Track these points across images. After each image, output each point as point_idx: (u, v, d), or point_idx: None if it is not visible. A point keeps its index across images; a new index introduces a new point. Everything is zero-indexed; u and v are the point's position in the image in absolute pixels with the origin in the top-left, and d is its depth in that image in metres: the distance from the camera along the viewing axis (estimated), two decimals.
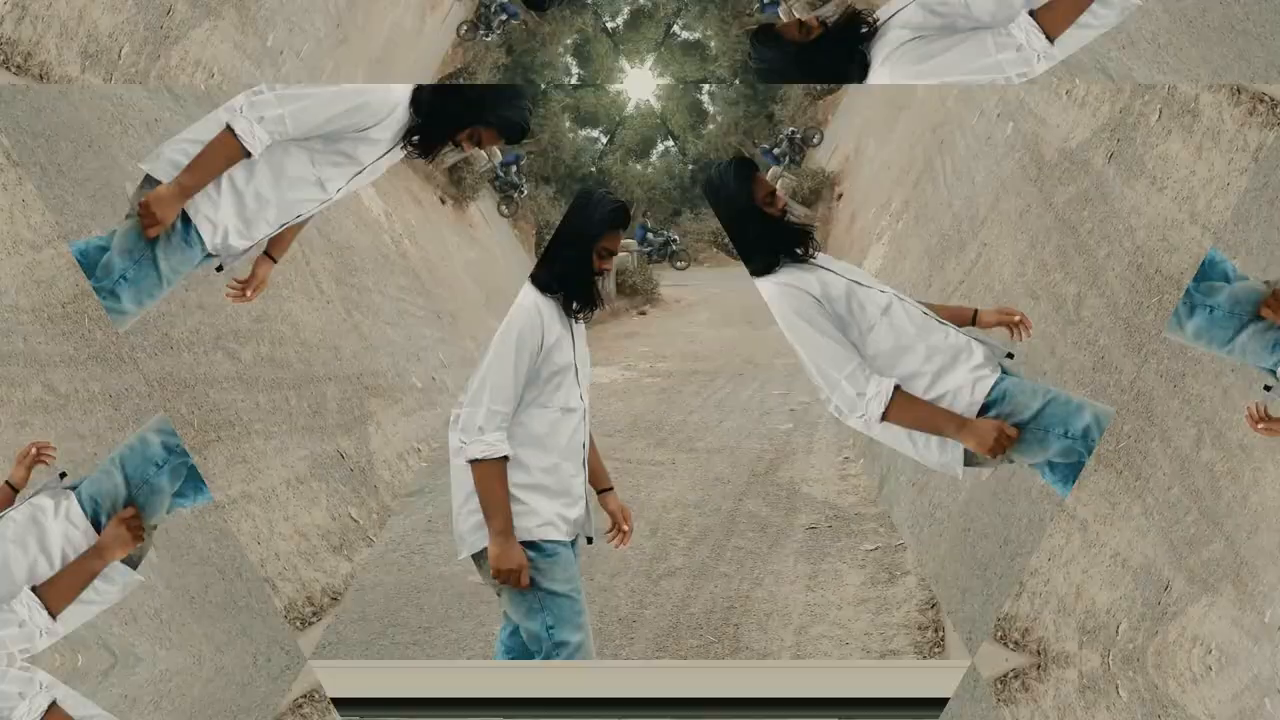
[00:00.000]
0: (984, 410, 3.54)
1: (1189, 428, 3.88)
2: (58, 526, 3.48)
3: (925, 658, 4.32)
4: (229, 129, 3.49)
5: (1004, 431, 3.52)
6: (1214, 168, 3.84)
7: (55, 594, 3.45)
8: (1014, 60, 3.55)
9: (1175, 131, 3.95)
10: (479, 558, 3.63)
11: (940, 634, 4.35)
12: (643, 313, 6.77)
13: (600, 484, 3.86)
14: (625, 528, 3.87)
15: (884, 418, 3.55)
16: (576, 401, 3.69)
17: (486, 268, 7.13)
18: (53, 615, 3.43)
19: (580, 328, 3.73)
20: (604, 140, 6.39)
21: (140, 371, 4.13)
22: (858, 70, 3.68)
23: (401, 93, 3.62)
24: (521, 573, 3.56)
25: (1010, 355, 3.66)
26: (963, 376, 3.58)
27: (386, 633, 4.35)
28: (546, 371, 3.63)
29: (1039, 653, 4.01)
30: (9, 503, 3.58)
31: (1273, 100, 3.75)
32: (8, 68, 4.01)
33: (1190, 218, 3.89)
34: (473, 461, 3.57)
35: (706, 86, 6.54)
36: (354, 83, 5.30)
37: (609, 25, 6.26)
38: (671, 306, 6.82)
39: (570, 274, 3.67)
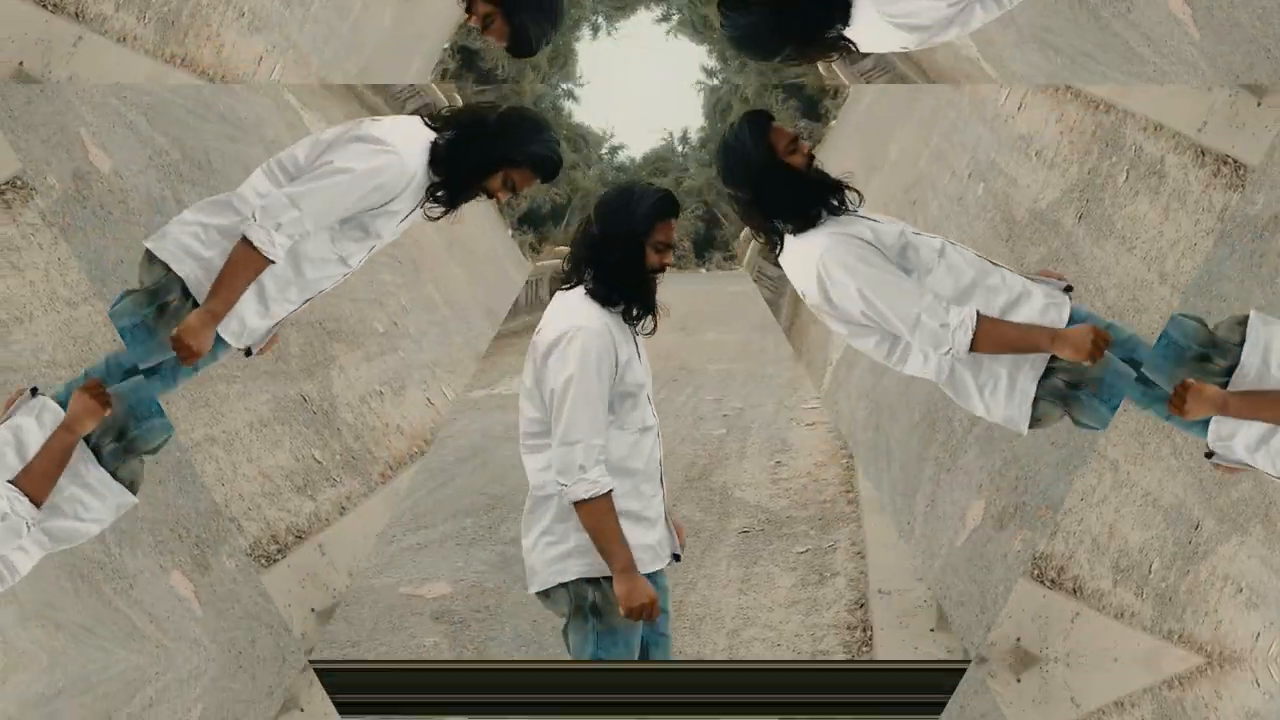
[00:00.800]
0: (1051, 359, 3.30)
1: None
2: (36, 432, 3.35)
3: (854, 656, 4.43)
4: (246, 241, 3.30)
5: (1099, 333, 3.24)
6: (1181, 228, 3.95)
7: (31, 480, 3.31)
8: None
9: (1143, 192, 4.06)
10: (553, 590, 3.45)
11: (868, 633, 4.49)
12: None
13: None
14: (680, 537, 3.64)
15: (973, 347, 3.27)
16: (651, 419, 3.48)
17: (457, 230, 7.15)
18: (36, 504, 3.29)
19: (643, 342, 3.51)
20: (566, 89, 6.31)
21: (61, 265, 4.09)
22: (839, 14, 3.43)
23: (418, 160, 3.41)
24: (654, 605, 3.36)
25: (1070, 288, 3.43)
26: (1034, 310, 3.33)
27: (314, 647, 4.30)
28: (622, 392, 3.41)
29: (1075, 591, 4.03)
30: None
31: (1236, 161, 3.85)
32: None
33: (1160, 278, 3.96)
34: (579, 503, 3.34)
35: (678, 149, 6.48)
36: (381, 22, 5.33)
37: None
38: None
39: (628, 279, 3.42)
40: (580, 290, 3.46)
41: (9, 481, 3.30)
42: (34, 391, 3.45)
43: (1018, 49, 4.41)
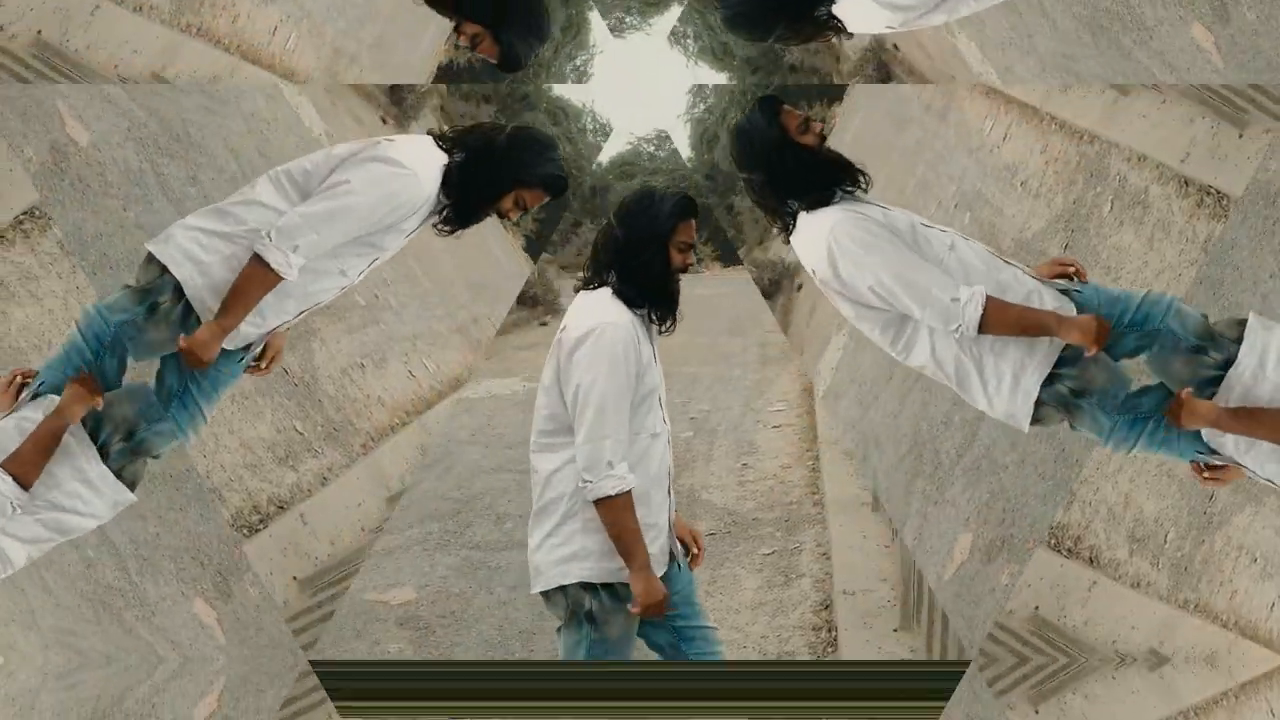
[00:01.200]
0: (1059, 364, 3.31)
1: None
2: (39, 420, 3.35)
3: (819, 657, 4.48)
4: (260, 260, 3.28)
5: (1103, 323, 3.25)
6: (1165, 258, 4.02)
7: (19, 463, 3.28)
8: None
9: (1127, 223, 4.13)
10: (553, 593, 3.43)
11: (833, 634, 4.54)
12: (544, 324, 6.46)
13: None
14: (698, 547, 3.66)
15: (981, 326, 3.26)
16: (660, 425, 3.46)
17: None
18: (24, 487, 3.28)
19: (658, 346, 3.51)
20: (577, 65, 6.28)
21: (79, 293, 4.14)
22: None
23: (433, 183, 3.42)
24: (665, 601, 3.38)
25: (1080, 291, 3.41)
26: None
27: (296, 615, 4.34)
28: (640, 394, 3.40)
29: (1091, 560, 4.06)
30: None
31: (1219, 192, 3.90)
32: None
33: (1087, 528, 4.05)
34: (602, 500, 3.32)
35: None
36: None
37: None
38: None
39: (653, 279, 3.44)
40: (606, 290, 3.48)
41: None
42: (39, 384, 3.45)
43: (1039, 78, 4.45)
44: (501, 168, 3.45)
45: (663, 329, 3.51)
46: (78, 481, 3.36)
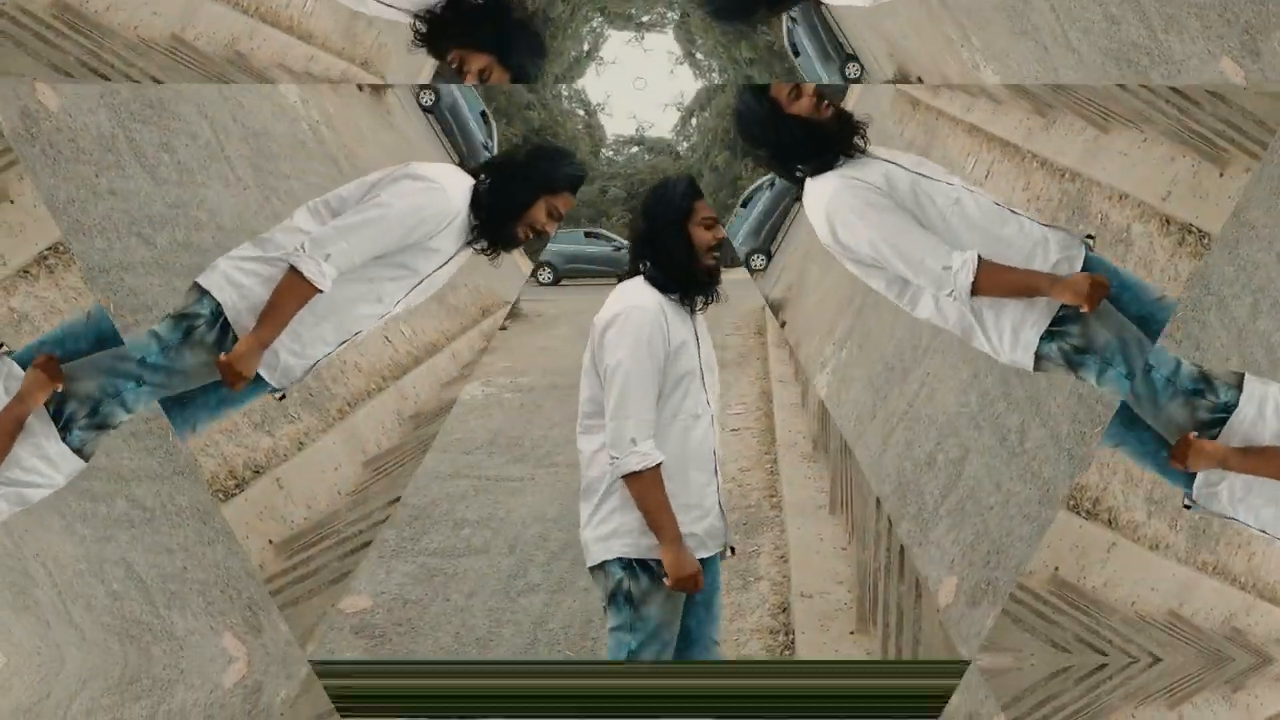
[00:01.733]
0: (1060, 322, 3.41)
1: (1245, 296, 3.87)
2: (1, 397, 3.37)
3: (778, 659, 4.51)
4: (295, 271, 3.42)
5: (1096, 279, 3.36)
6: None
7: None
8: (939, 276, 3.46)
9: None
10: (596, 571, 3.54)
11: (790, 637, 4.61)
12: (503, 328, 6.64)
13: None
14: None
15: (975, 289, 3.37)
16: (703, 408, 3.56)
17: (404, 154, 6.93)
18: None
19: (704, 329, 3.61)
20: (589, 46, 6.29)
21: None
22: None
23: (462, 200, 3.53)
24: (698, 576, 3.47)
25: (1091, 237, 3.52)
26: (1047, 264, 3.43)
27: (273, 578, 4.31)
28: (673, 377, 3.51)
29: (1110, 522, 4.07)
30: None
31: (1200, 231, 3.95)
32: None
33: (1105, 490, 4.02)
34: (630, 476, 3.44)
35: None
36: None
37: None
38: (532, 321, 6.68)
39: (678, 261, 3.55)
40: (640, 278, 3.62)
41: None
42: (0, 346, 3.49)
43: (1070, 114, 4.48)
44: (526, 177, 3.58)
45: (700, 309, 3.61)
46: (38, 459, 3.42)
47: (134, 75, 4.39)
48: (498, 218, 3.55)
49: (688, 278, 3.57)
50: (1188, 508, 3.44)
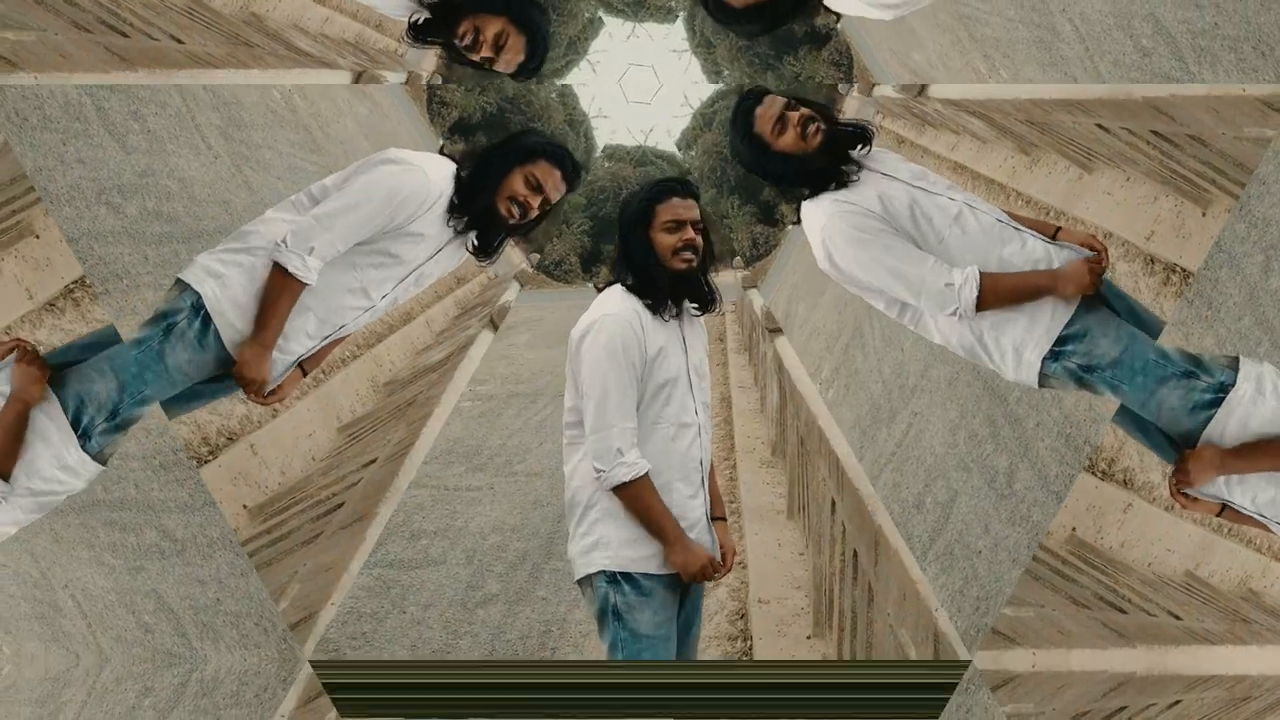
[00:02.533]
0: (1062, 342, 3.27)
1: (1256, 254, 3.78)
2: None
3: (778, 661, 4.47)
4: (280, 269, 3.30)
5: (1092, 265, 3.24)
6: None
7: None
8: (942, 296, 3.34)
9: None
10: (584, 586, 3.41)
11: (749, 643, 4.60)
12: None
13: (714, 511, 3.52)
14: (728, 563, 3.52)
15: (979, 304, 3.25)
16: (691, 416, 3.42)
17: (378, 123, 6.99)
18: (3, 477, 3.24)
19: (697, 335, 3.50)
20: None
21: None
22: None
23: (442, 181, 3.43)
24: (710, 565, 3.35)
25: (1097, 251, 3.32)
26: None
27: (247, 540, 4.30)
28: (653, 384, 3.39)
29: (1126, 483, 4.02)
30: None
31: (1185, 270, 3.97)
32: None
33: (1120, 450, 4.00)
34: (619, 487, 3.31)
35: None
36: None
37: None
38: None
39: (641, 267, 3.44)
40: (618, 286, 3.51)
41: None
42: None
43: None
44: (499, 151, 3.48)
45: (697, 312, 3.50)
46: (57, 469, 3.33)
47: (153, 35, 4.36)
48: (476, 192, 3.43)
49: (656, 283, 3.43)
50: (1184, 494, 3.30)
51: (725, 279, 6.62)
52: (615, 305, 3.43)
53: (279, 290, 3.29)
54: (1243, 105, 3.75)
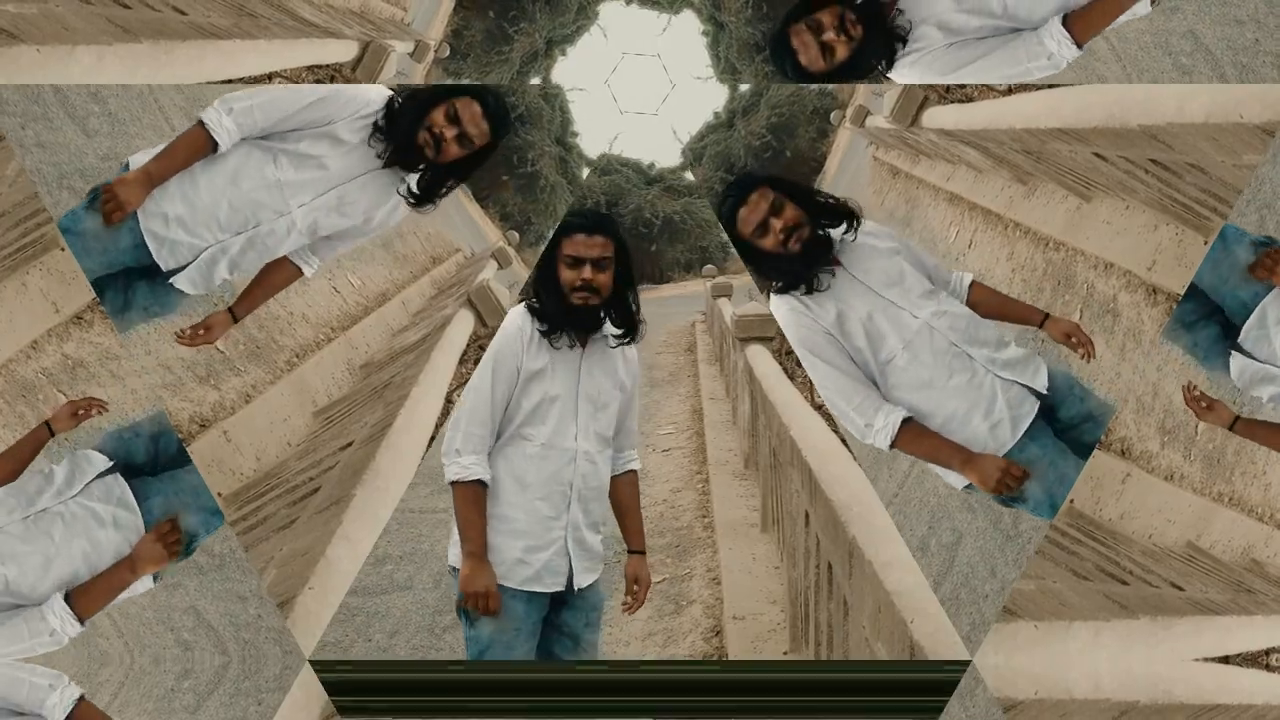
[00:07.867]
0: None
1: (1251, 212, 3.83)
2: (110, 536, 3.47)
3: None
4: (200, 123, 3.49)
5: (1009, 471, 3.48)
6: (1137, 368, 4.04)
7: (86, 601, 3.44)
8: (1044, 67, 3.57)
9: (1098, 332, 4.16)
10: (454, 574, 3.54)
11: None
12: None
13: (629, 544, 3.74)
14: (639, 596, 3.70)
15: (893, 447, 3.53)
16: (570, 442, 3.52)
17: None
18: (81, 621, 3.41)
19: (607, 366, 3.57)
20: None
21: (161, 371, 4.14)
22: (882, 63, 3.59)
23: (375, 99, 3.56)
24: (489, 597, 3.44)
25: (1047, 394, 3.57)
26: (979, 427, 3.54)
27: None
28: (528, 402, 3.50)
29: (1123, 452, 4.01)
30: (41, 445, 3.46)
31: None
32: None
33: (1117, 420, 4.02)
34: (451, 484, 3.51)
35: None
36: None
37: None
38: None
39: (543, 291, 3.53)
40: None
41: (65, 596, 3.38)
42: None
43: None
44: (430, 90, 3.62)
45: (555, 342, 3.55)
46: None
47: (154, 5, 4.23)
48: (402, 117, 3.52)
49: (550, 312, 3.54)
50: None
51: (694, 288, 6.54)
52: (509, 320, 3.58)
53: (189, 140, 3.47)
54: (1242, 133, 3.80)
